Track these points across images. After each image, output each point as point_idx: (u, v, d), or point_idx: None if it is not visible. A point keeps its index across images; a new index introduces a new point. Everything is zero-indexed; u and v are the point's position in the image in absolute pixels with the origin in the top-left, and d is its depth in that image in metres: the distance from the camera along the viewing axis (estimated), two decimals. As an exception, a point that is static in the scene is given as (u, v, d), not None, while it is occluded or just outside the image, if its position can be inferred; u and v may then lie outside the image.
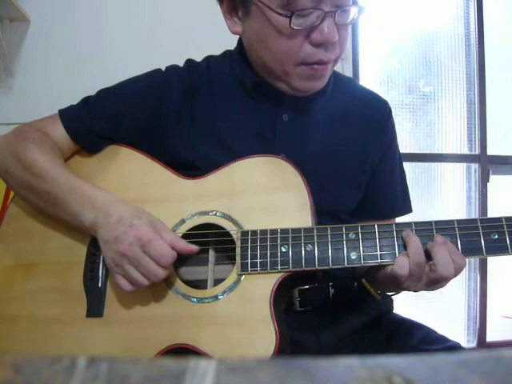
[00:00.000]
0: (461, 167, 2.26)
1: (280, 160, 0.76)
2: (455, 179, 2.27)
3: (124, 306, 0.74)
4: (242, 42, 0.83)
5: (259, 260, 0.70)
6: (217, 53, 0.92)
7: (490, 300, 2.17)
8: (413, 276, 0.66)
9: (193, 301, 0.71)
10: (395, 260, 0.67)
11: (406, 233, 0.68)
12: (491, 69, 2.20)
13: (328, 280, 0.78)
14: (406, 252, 0.67)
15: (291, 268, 0.69)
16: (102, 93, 0.88)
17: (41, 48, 1.76)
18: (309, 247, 0.69)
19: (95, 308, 0.75)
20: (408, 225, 0.69)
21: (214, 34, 1.16)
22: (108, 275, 0.76)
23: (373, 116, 0.89)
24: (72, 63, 1.75)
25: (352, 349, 0.80)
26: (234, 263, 0.71)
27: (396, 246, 0.68)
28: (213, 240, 0.77)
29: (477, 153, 2.22)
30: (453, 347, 0.74)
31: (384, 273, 0.70)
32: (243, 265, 0.71)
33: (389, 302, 0.86)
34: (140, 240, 0.68)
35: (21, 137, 0.82)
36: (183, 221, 0.76)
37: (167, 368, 0.21)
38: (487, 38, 2.19)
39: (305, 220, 0.72)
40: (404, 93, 2.24)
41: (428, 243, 0.67)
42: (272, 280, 0.69)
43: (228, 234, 0.73)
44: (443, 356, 0.22)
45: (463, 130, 2.25)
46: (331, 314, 0.81)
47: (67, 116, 0.86)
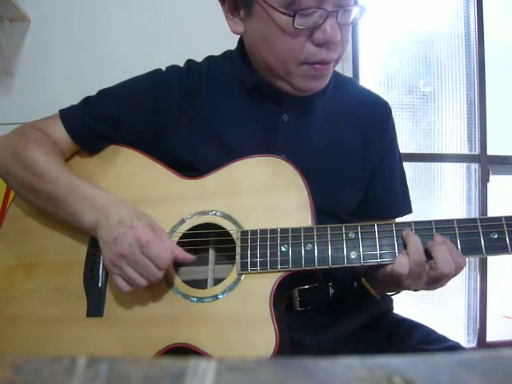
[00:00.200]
0: (461, 167, 2.26)
1: (280, 160, 0.76)
2: (455, 179, 2.27)
3: (124, 306, 0.74)
4: (243, 42, 0.83)
5: (259, 259, 0.70)
6: (217, 53, 0.92)
7: (490, 300, 2.16)
8: (413, 275, 0.67)
9: (193, 300, 0.71)
10: (395, 259, 0.67)
11: (406, 232, 0.68)
12: (491, 69, 2.20)
13: (328, 280, 0.78)
14: (406, 251, 0.67)
15: (291, 267, 0.69)
16: (103, 93, 0.88)
17: (41, 48, 1.75)
18: (308, 247, 0.69)
19: (95, 308, 0.75)
20: (408, 224, 0.69)
21: (215, 34, 1.17)
22: (108, 275, 0.76)
23: (373, 116, 0.89)
24: (72, 63, 1.75)
25: (352, 349, 0.80)
26: (234, 263, 0.71)
27: (396, 246, 0.68)
28: (213, 240, 0.77)
29: (477, 153, 2.22)
30: (453, 347, 0.74)
31: (384, 272, 0.70)
32: (243, 264, 0.71)
33: (389, 302, 0.86)
34: (139, 241, 0.68)
35: (22, 137, 0.82)
36: (183, 221, 0.76)
37: (167, 368, 0.21)
38: (487, 38, 2.19)
39: (305, 220, 0.72)
40: (404, 93, 2.24)
41: (428, 242, 0.67)
42: (272, 279, 0.69)
43: (228, 234, 0.73)
44: (443, 356, 0.22)
45: (463, 130, 2.25)
46: (331, 314, 0.81)
47: (68, 116, 0.86)
